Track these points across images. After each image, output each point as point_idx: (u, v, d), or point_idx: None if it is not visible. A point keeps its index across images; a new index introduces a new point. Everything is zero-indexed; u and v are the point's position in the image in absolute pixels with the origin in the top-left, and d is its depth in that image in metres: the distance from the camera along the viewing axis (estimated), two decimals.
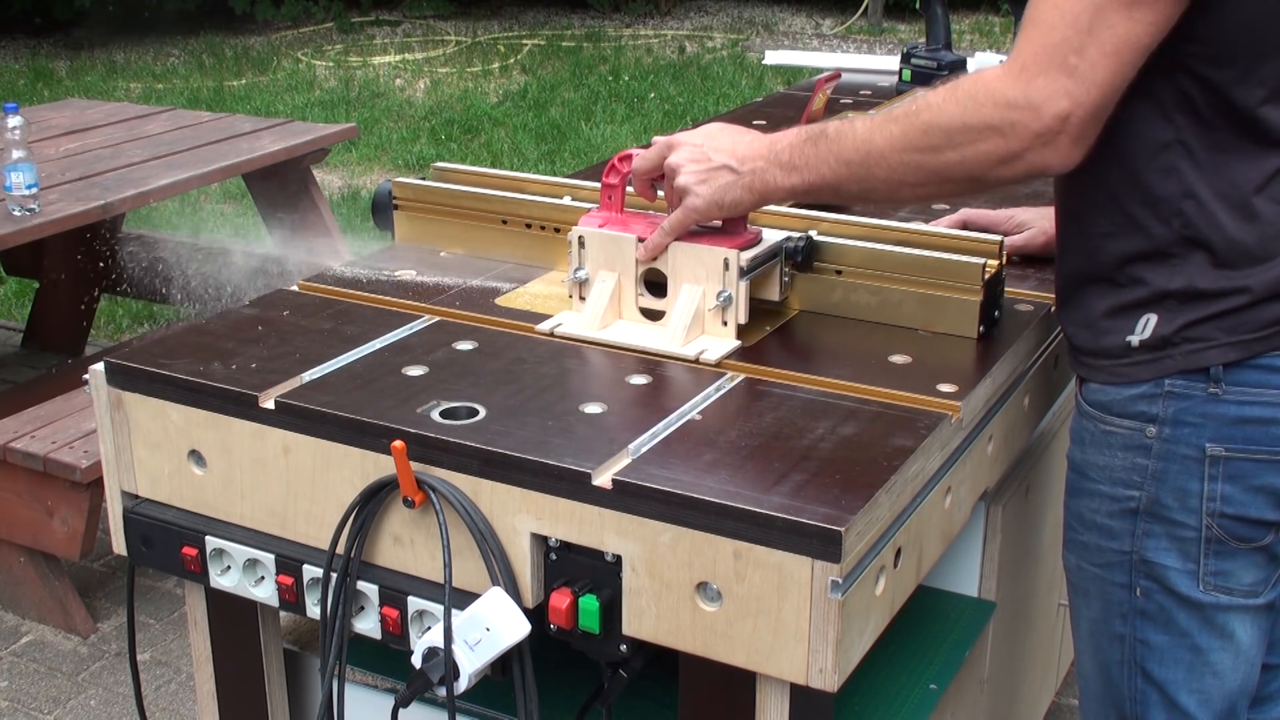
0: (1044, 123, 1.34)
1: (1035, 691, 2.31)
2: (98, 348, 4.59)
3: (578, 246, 1.69)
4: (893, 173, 1.45)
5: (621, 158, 1.70)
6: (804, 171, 1.52)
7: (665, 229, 1.64)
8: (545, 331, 1.68)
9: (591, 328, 1.66)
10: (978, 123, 1.38)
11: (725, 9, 11.50)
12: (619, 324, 1.68)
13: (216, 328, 1.71)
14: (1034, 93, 1.33)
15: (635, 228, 1.67)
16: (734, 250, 1.61)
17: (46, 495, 2.95)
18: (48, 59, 9.50)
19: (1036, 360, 1.78)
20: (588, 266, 1.69)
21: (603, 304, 1.67)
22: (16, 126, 3.26)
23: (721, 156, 1.58)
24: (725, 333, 1.64)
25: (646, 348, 1.62)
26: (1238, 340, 1.43)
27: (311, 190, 4.32)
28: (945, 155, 1.41)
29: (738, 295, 1.62)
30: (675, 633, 1.34)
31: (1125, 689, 1.58)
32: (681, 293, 1.64)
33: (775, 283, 1.70)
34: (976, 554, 1.86)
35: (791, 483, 1.32)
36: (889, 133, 1.45)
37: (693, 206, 1.60)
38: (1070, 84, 1.32)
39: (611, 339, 1.65)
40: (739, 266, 1.61)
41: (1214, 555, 1.49)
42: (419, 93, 8.51)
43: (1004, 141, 1.36)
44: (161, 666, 3.00)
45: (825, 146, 1.50)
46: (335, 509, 1.48)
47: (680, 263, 1.64)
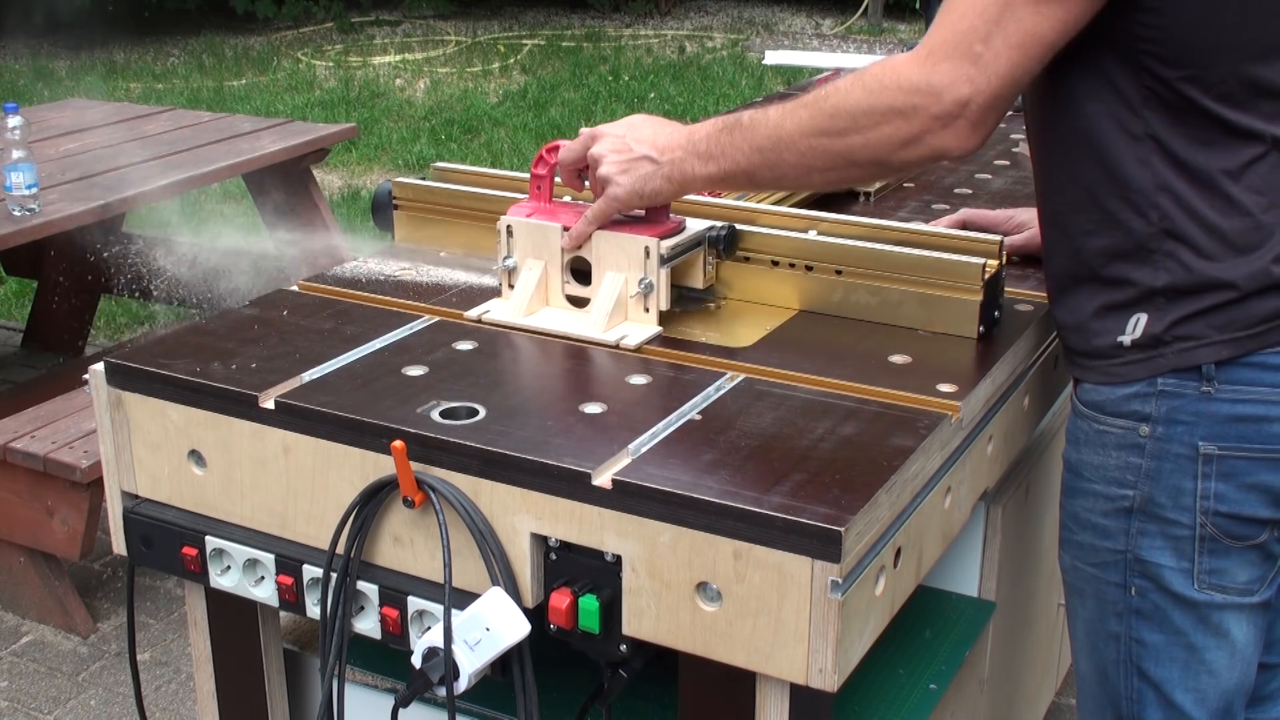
0: (943, 106, 1.37)
1: (1035, 691, 2.31)
2: (98, 348, 4.60)
3: (506, 235, 1.73)
4: (802, 158, 1.48)
5: (549, 149, 1.74)
6: (720, 160, 1.55)
7: (588, 218, 1.68)
8: (473, 318, 1.72)
9: (518, 314, 1.70)
10: (882, 106, 1.41)
11: (725, 9, 11.50)
12: (546, 311, 1.72)
13: (216, 328, 1.71)
14: (936, 78, 1.37)
15: (562, 217, 1.71)
16: (655, 238, 1.65)
17: (46, 495, 2.95)
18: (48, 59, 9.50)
19: (1036, 360, 1.78)
20: (516, 255, 1.73)
21: (529, 291, 1.71)
22: (16, 126, 3.26)
23: (642, 147, 1.62)
24: (647, 319, 1.68)
25: (570, 333, 1.66)
26: (1229, 338, 1.43)
27: (311, 190, 4.32)
28: (850, 139, 1.44)
29: (659, 282, 1.66)
30: (675, 633, 1.34)
31: (1121, 688, 1.59)
32: (605, 280, 1.68)
33: (699, 270, 1.74)
34: (976, 554, 1.86)
35: (791, 483, 1.32)
36: (798, 118, 1.48)
37: (614, 196, 1.64)
38: (973, 71, 1.36)
39: (537, 325, 1.69)
40: (659, 254, 1.65)
41: (1208, 553, 1.49)
42: (419, 93, 8.51)
43: (905, 124, 1.40)
44: (161, 666, 3.00)
45: (740, 135, 1.53)
46: (335, 509, 1.48)
47: (603, 251, 1.68)
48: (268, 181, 4.26)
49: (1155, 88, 1.39)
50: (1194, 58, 1.37)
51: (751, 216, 1.84)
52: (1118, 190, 1.44)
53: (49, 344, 4.61)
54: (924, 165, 1.45)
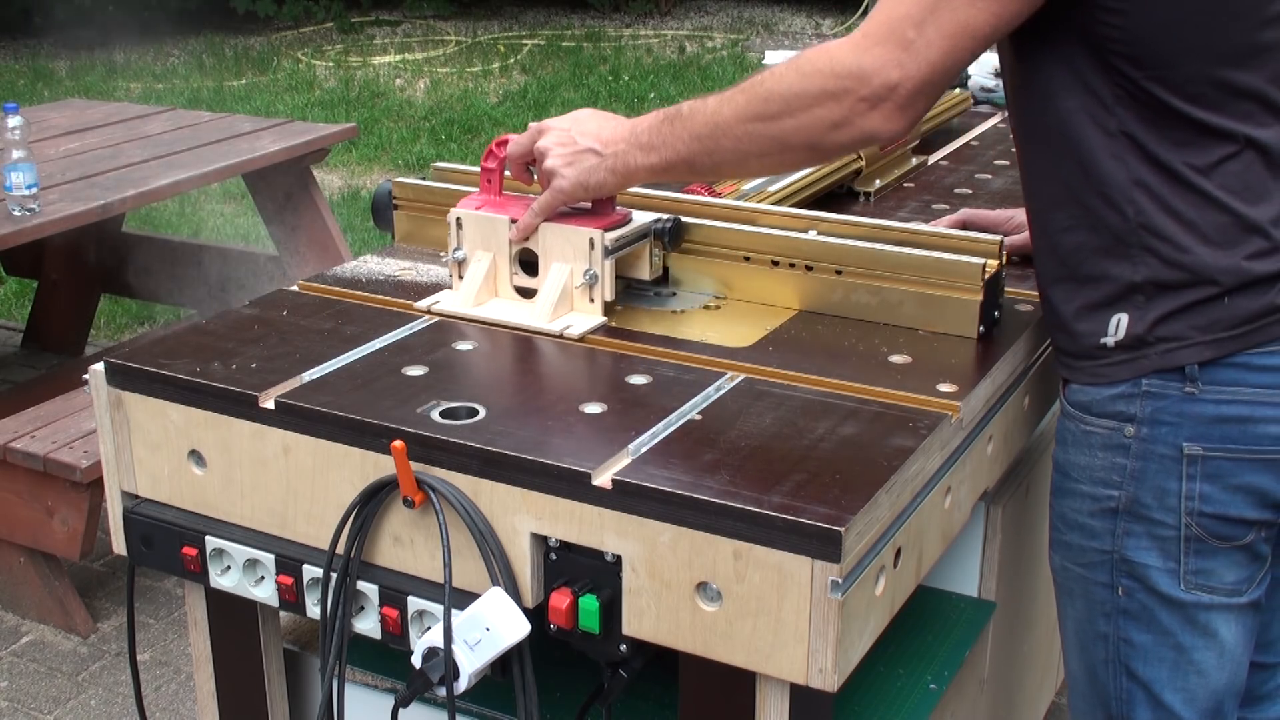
0: (871, 89, 1.39)
1: (1035, 691, 2.31)
2: (98, 348, 4.60)
3: (456, 228, 1.76)
4: (738, 143, 1.50)
5: (498, 143, 1.77)
6: (661, 150, 1.57)
7: (534, 210, 1.70)
8: (423, 308, 1.75)
9: (466, 305, 1.73)
10: (813, 89, 1.43)
11: (725, 9, 11.50)
12: (494, 301, 1.75)
13: (216, 328, 1.71)
14: (867, 61, 1.39)
15: (511, 210, 1.74)
16: (599, 230, 1.68)
17: (46, 495, 2.95)
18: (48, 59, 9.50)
19: (1036, 360, 1.78)
20: (465, 247, 1.76)
21: (478, 282, 1.74)
22: (16, 126, 3.26)
23: (587, 140, 1.65)
24: (592, 309, 1.71)
25: (515, 323, 1.69)
26: (1212, 339, 1.43)
27: (311, 190, 4.32)
28: (783, 122, 1.46)
29: (603, 273, 1.69)
30: (675, 633, 1.34)
31: (1111, 688, 1.59)
32: (551, 271, 1.71)
33: (646, 262, 1.77)
34: (976, 554, 1.86)
35: (791, 483, 1.32)
36: (734, 104, 1.50)
37: (559, 188, 1.66)
38: (903, 56, 1.38)
39: (485, 315, 1.72)
40: (604, 246, 1.68)
41: (1194, 554, 1.49)
42: (419, 93, 8.51)
43: (836, 106, 1.41)
44: (161, 666, 3.00)
45: (680, 125, 1.55)
46: (335, 509, 1.48)
47: (550, 243, 1.71)
48: (268, 181, 4.26)
49: (1125, 85, 1.40)
50: (1161, 59, 1.38)
51: (752, 216, 1.84)
52: (1093, 186, 1.45)
53: (49, 344, 4.61)
54: (855, 149, 1.49)
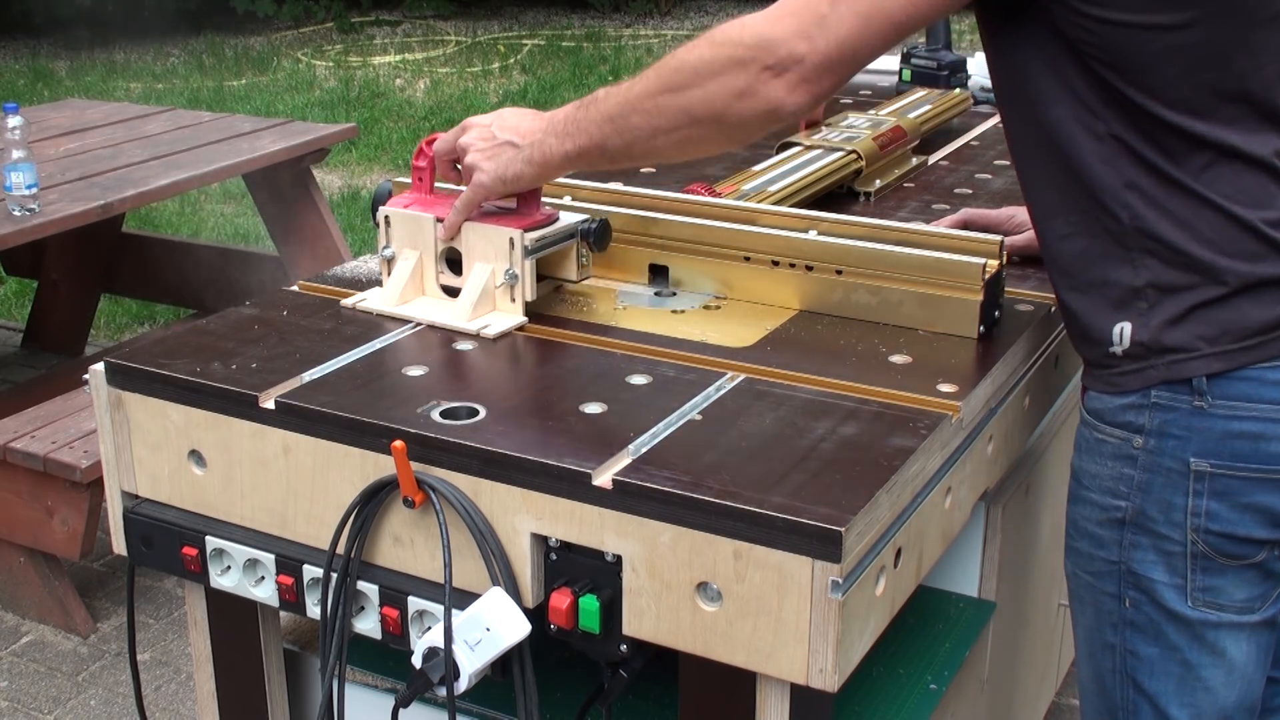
0: (777, 57, 1.39)
1: (1035, 691, 2.31)
2: (98, 348, 4.60)
3: (385, 226, 1.76)
4: (647, 118, 1.49)
5: (428, 141, 1.77)
6: (575, 135, 1.56)
7: (457, 208, 1.70)
8: (349, 306, 1.76)
9: (390, 303, 1.73)
10: (721, 58, 1.42)
11: (725, 9, 11.50)
12: (419, 300, 1.75)
13: (216, 328, 1.71)
14: (778, 30, 1.39)
15: (438, 209, 1.74)
16: (519, 230, 1.67)
17: (46, 495, 2.95)
18: (48, 59, 9.50)
19: (1036, 360, 1.78)
20: (394, 245, 1.76)
21: (403, 280, 1.74)
22: (16, 126, 3.26)
23: (506, 134, 1.64)
24: (513, 309, 1.71)
25: (436, 322, 1.69)
26: (1221, 350, 1.40)
27: (311, 190, 4.32)
28: (690, 92, 1.45)
29: (524, 274, 1.69)
30: (675, 633, 1.34)
31: (1118, 698, 1.57)
32: (473, 271, 1.71)
33: (573, 262, 1.76)
34: (976, 554, 1.86)
35: (791, 483, 1.31)
36: (645, 79, 1.50)
37: (479, 183, 1.65)
38: (814, 29, 1.38)
39: (408, 314, 1.72)
40: (524, 246, 1.68)
41: (1201, 571, 1.46)
42: (419, 93, 8.51)
43: (741, 74, 1.41)
44: (161, 666, 3.00)
45: (594, 108, 1.54)
46: (335, 509, 1.48)
47: (472, 242, 1.71)
48: (268, 181, 4.26)
49: (1109, 91, 1.38)
50: (1140, 64, 1.36)
51: (752, 216, 1.84)
52: (1086, 192, 1.43)
53: (49, 344, 4.61)
54: (762, 125, 1.45)
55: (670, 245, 1.84)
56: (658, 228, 1.84)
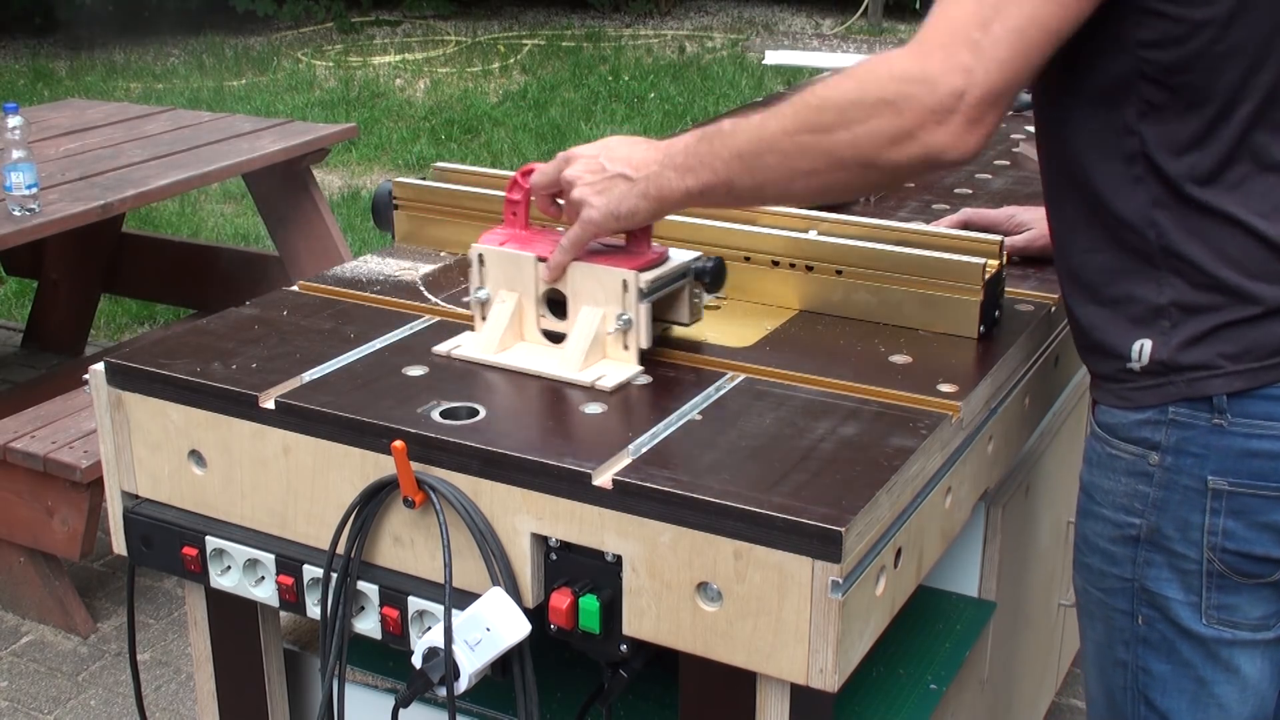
0: (937, 98, 1.26)
1: (1035, 691, 2.31)
2: (98, 348, 4.60)
3: (478, 265, 1.61)
4: (785, 159, 1.37)
5: (524, 172, 1.62)
6: (698, 171, 1.43)
7: (564, 246, 1.56)
8: (443, 354, 1.61)
9: (489, 350, 1.59)
10: (870, 97, 1.30)
11: (725, 9, 11.50)
12: (520, 346, 1.61)
13: (216, 328, 1.71)
14: (930, 66, 1.26)
15: (538, 246, 1.59)
16: (633, 271, 1.53)
17: (46, 495, 2.95)
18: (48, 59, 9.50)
19: (1036, 360, 1.78)
20: (489, 286, 1.62)
21: (502, 326, 1.60)
22: (16, 126, 3.26)
23: (617, 166, 1.51)
24: (626, 357, 1.56)
25: (544, 372, 1.55)
26: (1244, 369, 1.36)
27: (311, 190, 4.32)
28: (837, 134, 1.32)
29: (638, 318, 1.54)
30: (675, 633, 1.34)
31: (1129, 714, 1.54)
32: (580, 315, 1.56)
33: (685, 305, 1.62)
34: (976, 554, 1.86)
35: (792, 483, 1.32)
36: (781, 116, 1.37)
37: (589, 219, 1.52)
38: (970, 59, 1.25)
39: (510, 363, 1.57)
40: (639, 288, 1.53)
41: (1217, 589, 1.43)
42: (419, 93, 8.51)
43: (896, 117, 1.28)
44: (161, 666, 3.00)
45: (719, 142, 1.42)
46: (335, 509, 1.48)
47: (579, 284, 1.56)
48: (268, 181, 4.26)
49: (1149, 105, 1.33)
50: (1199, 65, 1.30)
51: (752, 216, 1.84)
52: (1113, 209, 1.39)
53: (49, 344, 4.61)
54: (916, 171, 1.33)
55: (670, 245, 1.83)
56: (658, 228, 1.84)
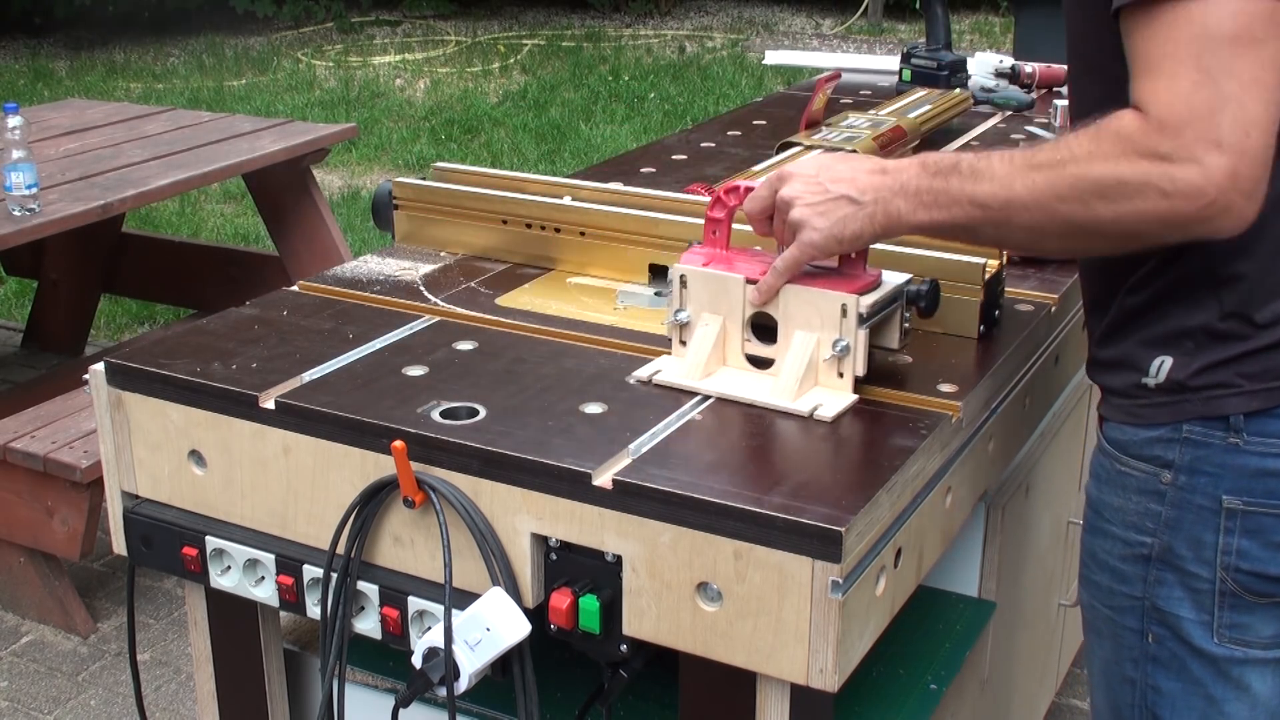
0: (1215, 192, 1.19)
1: (1035, 691, 2.31)
2: (98, 348, 4.59)
3: (679, 286, 1.55)
4: (1036, 221, 1.31)
5: (728, 190, 1.57)
6: (933, 209, 1.38)
7: (779, 269, 1.49)
8: (643, 379, 1.56)
9: (694, 376, 1.53)
10: (1137, 179, 1.22)
11: (725, 9, 11.50)
12: (724, 371, 1.55)
13: (216, 328, 1.71)
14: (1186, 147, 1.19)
15: (741, 267, 1.54)
16: (853, 295, 1.47)
17: (46, 495, 2.95)
18: (48, 59, 9.50)
19: (1036, 360, 1.78)
20: (690, 308, 1.56)
21: (706, 350, 1.53)
22: (16, 126, 3.25)
23: (840, 187, 1.44)
24: (841, 385, 1.50)
25: (755, 400, 1.49)
26: (1261, 389, 1.35)
27: (311, 190, 4.32)
28: (1097, 210, 1.26)
29: (856, 345, 1.48)
30: (675, 633, 1.34)
31: None
32: (794, 341, 1.50)
33: (895, 329, 1.54)
34: (976, 554, 1.86)
35: (792, 483, 1.31)
36: (1031, 182, 1.30)
37: (810, 241, 1.45)
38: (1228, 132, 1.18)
39: (716, 389, 1.52)
40: (858, 313, 1.47)
41: (1229, 608, 1.41)
42: (419, 93, 8.51)
43: (1164, 201, 1.21)
44: (161, 666, 2.99)
45: (958, 184, 1.35)
46: (335, 509, 1.48)
47: (792, 307, 1.50)
48: (268, 181, 4.26)
49: None
50: None
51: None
52: None
53: (49, 344, 4.61)
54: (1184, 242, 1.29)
55: (670, 245, 1.83)
56: (658, 228, 1.84)
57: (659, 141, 2.76)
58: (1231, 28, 1.18)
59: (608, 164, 2.56)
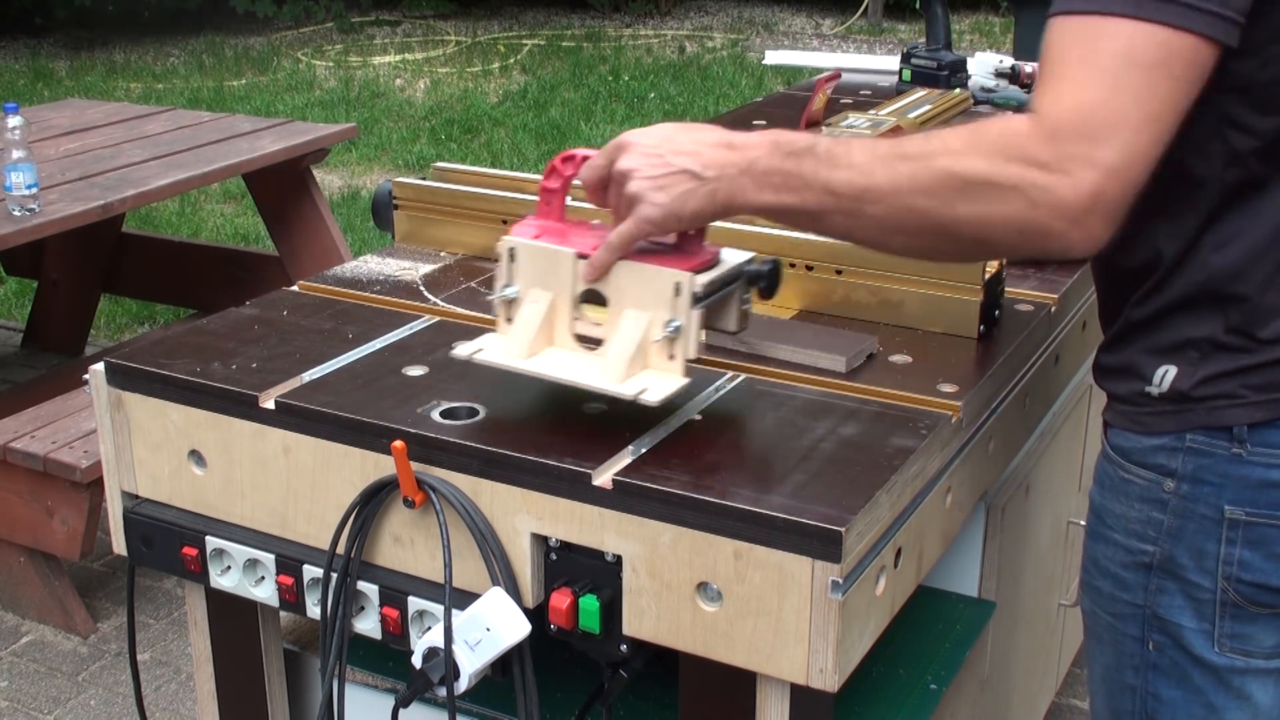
0: (1078, 196, 1.17)
1: (1035, 691, 2.31)
2: (98, 348, 4.59)
3: (507, 260, 1.44)
4: (889, 215, 1.26)
5: (564, 158, 1.46)
6: (782, 191, 1.31)
7: (611, 243, 1.40)
8: (464, 357, 1.46)
9: (518, 355, 1.43)
10: (1004, 180, 1.19)
11: (725, 9, 11.50)
12: (550, 352, 1.44)
13: (216, 328, 1.71)
14: (1069, 157, 1.17)
15: (575, 241, 1.43)
16: (688, 273, 1.37)
17: (46, 495, 2.95)
18: (48, 59, 9.50)
19: (1036, 360, 1.78)
20: (518, 283, 1.45)
21: (532, 328, 1.43)
22: (16, 126, 3.25)
23: (682, 160, 1.36)
24: (671, 368, 1.39)
25: (579, 382, 1.40)
26: (1265, 400, 1.33)
27: (311, 190, 4.32)
28: (957, 210, 1.23)
29: (689, 326, 1.38)
30: (675, 633, 1.34)
31: None
32: (623, 320, 1.40)
33: (733, 312, 1.47)
34: (976, 554, 1.86)
35: (791, 483, 1.32)
36: (894, 172, 1.25)
37: (646, 216, 1.36)
38: (1113, 155, 1.16)
39: (539, 369, 1.42)
40: (692, 292, 1.37)
41: (1231, 618, 1.39)
42: (419, 93, 8.51)
43: (1030, 210, 1.19)
44: (161, 666, 3.00)
45: (811, 167, 1.29)
46: (335, 509, 1.48)
47: (624, 285, 1.40)
48: (268, 181, 4.26)
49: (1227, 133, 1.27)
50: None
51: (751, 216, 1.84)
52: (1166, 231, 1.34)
53: (49, 344, 4.61)
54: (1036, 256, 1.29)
55: None
56: None
57: None
58: (1154, 56, 1.16)
59: None
